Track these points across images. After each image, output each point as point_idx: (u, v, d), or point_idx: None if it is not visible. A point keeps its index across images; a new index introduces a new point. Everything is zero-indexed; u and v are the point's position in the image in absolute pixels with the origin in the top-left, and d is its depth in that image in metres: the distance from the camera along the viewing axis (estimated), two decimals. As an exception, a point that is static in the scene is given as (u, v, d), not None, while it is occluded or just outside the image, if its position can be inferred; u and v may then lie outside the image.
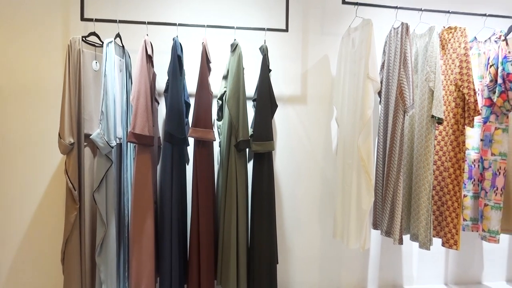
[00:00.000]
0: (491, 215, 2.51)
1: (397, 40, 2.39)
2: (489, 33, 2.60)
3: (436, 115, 2.30)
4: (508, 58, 2.39)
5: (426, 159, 2.38)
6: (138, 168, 2.19)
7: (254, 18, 2.67)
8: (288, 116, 2.75)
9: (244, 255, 2.30)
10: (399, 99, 2.36)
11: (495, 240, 2.51)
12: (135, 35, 2.50)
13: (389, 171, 2.41)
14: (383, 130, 2.51)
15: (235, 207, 2.29)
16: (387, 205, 2.43)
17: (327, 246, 2.83)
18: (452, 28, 2.47)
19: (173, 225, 2.25)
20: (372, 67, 2.26)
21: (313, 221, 2.81)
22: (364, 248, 2.33)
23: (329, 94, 2.78)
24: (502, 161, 2.49)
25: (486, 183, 2.54)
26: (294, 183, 2.77)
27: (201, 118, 2.24)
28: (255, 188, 2.35)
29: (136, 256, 2.19)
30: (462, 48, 2.37)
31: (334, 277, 2.87)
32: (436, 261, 3.01)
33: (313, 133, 2.78)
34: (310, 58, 2.76)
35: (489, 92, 2.51)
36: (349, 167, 2.42)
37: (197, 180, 2.28)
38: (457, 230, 2.40)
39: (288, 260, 2.79)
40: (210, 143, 2.34)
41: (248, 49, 2.60)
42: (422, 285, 2.99)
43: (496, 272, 3.11)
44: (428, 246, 2.39)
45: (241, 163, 2.31)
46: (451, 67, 2.45)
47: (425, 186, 2.39)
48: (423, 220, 2.40)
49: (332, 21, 2.77)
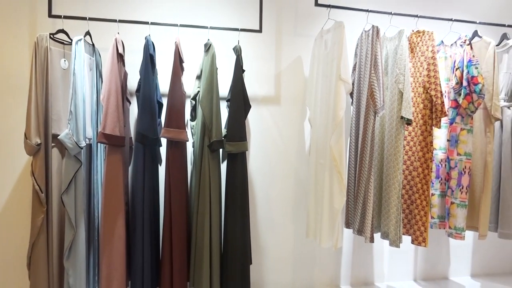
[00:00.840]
0: (457, 212, 2.60)
1: (368, 42, 2.44)
2: (455, 37, 2.69)
3: (405, 116, 2.36)
4: (473, 61, 2.48)
5: (396, 159, 2.44)
6: (109, 169, 2.14)
7: (227, 18, 2.66)
8: (262, 116, 2.76)
9: (217, 255, 2.29)
10: (370, 100, 2.41)
11: (461, 237, 2.60)
12: (106, 33, 2.44)
13: (361, 170, 2.46)
14: (355, 130, 2.56)
15: (208, 208, 2.28)
16: (359, 204, 2.48)
17: (300, 245, 2.86)
18: (420, 32, 2.54)
19: (145, 226, 2.22)
20: (344, 69, 2.30)
21: (287, 220, 2.83)
22: (336, 247, 2.37)
23: (302, 95, 2.81)
24: (467, 160, 2.58)
25: (452, 182, 2.63)
26: (268, 183, 2.78)
27: (174, 118, 2.21)
28: (228, 189, 2.34)
29: (107, 259, 2.14)
30: (430, 51, 2.45)
31: (307, 276, 2.90)
32: (405, 258, 3.10)
33: (287, 134, 2.81)
34: (284, 59, 2.78)
35: (455, 94, 2.60)
36: (321, 167, 2.45)
37: (170, 181, 2.25)
38: (426, 228, 2.48)
39: (262, 260, 2.80)
40: (183, 144, 2.31)
41: (221, 49, 2.59)
42: (392, 281, 3.06)
43: (461, 267, 3.23)
44: (398, 244, 2.45)
45: (214, 164, 2.30)
46: (419, 70, 2.52)
47: (395, 185, 2.45)
48: (393, 219, 2.46)
49: (305, 22, 2.80)
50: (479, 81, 2.45)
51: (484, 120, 2.70)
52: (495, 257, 3.31)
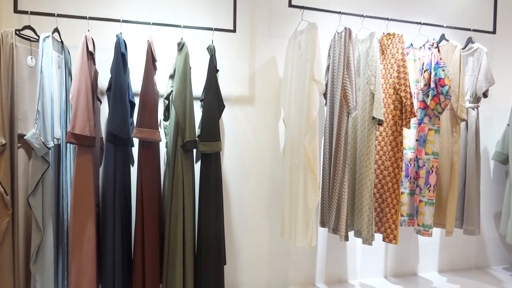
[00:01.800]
0: (425, 210, 2.68)
1: (340, 44, 2.48)
2: (423, 40, 2.78)
3: (376, 116, 2.41)
4: (440, 64, 2.57)
5: (368, 159, 2.50)
6: (78, 170, 2.08)
7: (201, 18, 2.64)
8: (236, 116, 2.75)
9: (190, 257, 2.27)
10: (343, 101, 2.45)
11: (429, 234, 2.68)
12: (76, 30, 2.37)
13: (335, 170, 2.50)
14: (329, 130, 2.60)
15: (182, 209, 2.25)
16: (333, 204, 2.51)
17: (275, 245, 2.88)
18: (391, 35, 2.61)
19: (116, 228, 2.17)
20: (317, 70, 2.33)
21: (261, 220, 2.84)
22: (310, 246, 2.39)
23: (276, 95, 2.82)
24: (435, 160, 2.67)
25: (420, 180, 2.71)
26: (242, 183, 2.78)
27: (146, 118, 2.18)
28: (202, 189, 2.33)
29: (76, 263, 2.08)
30: (400, 53, 2.52)
31: (282, 275, 2.91)
32: (377, 256, 3.17)
33: (261, 134, 2.81)
34: (258, 59, 2.79)
35: (424, 96, 2.68)
36: (296, 167, 2.47)
37: (142, 182, 2.21)
38: (396, 226, 2.54)
39: (237, 261, 2.79)
40: (156, 144, 2.28)
41: (195, 48, 2.56)
42: (364, 278, 3.13)
43: (429, 263, 3.33)
44: (371, 242, 2.50)
45: (187, 164, 2.27)
46: (390, 71, 2.58)
47: (367, 185, 2.50)
48: (365, 217, 2.51)
49: (279, 23, 2.82)
50: (446, 83, 2.53)
51: (451, 120, 2.80)
52: (461, 253, 3.43)
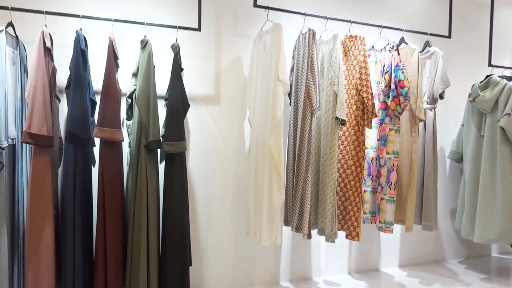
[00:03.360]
0: (386, 207, 2.77)
1: (305, 45, 2.52)
2: (384, 43, 2.87)
3: (339, 116, 2.47)
4: (399, 66, 2.66)
5: (331, 158, 2.55)
6: (35, 171, 1.99)
7: (165, 15, 2.60)
8: (201, 116, 2.73)
9: (155, 259, 2.23)
10: (307, 101, 2.49)
11: (390, 230, 2.78)
12: (32, 25, 2.27)
13: (299, 169, 2.53)
14: (293, 130, 2.63)
15: (145, 210, 2.21)
16: (297, 202, 2.55)
17: (240, 244, 2.88)
18: (353, 37, 2.68)
19: (77, 232, 2.10)
20: (282, 70, 2.36)
21: (227, 220, 2.83)
22: (275, 244, 2.41)
23: (242, 95, 2.82)
24: (395, 158, 2.77)
25: (382, 179, 2.80)
26: (207, 183, 2.76)
27: (108, 117, 2.12)
28: (167, 190, 2.29)
29: (33, 268, 2.00)
30: (362, 55, 2.59)
31: (247, 274, 2.92)
32: (341, 253, 3.24)
33: (227, 133, 2.81)
34: (224, 59, 2.78)
35: (384, 97, 2.77)
36: (261, 166, 2.48)
37: (104, 183, 2.15)
38: (359, 223, 2.61)
39: (202, 261, 2.77)
40: (119, 144, 2.22)
41: (159, 46, 2.52)
42: (328, 275, 3.19)
43: (391, 259, 3.45)
44: (334, 239, 2.56)
45: (151, 164, 2.23)
46: (352, 73, 2.65)
47: (330, 183, 2.55)
48: (329, 215, 2.56)
49: (244, 23, 2.82)
50: (405, 84, 2.63)
51: (410, 121, 2.91)
52: (420, 248, 3.58)
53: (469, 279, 3.22)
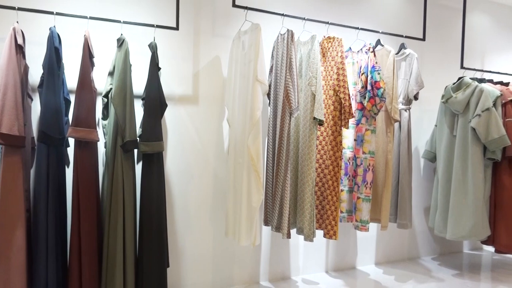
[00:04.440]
0: (362, 206, 2.82)
1: (283, 45, 2.53)
2: (361, 44, 2.92)
3: (317, 117, 2.49)
4: (376, 68, 2.71)
5: (309, 158, 2.57)
6: (5, 172, 1.93)
7: (142, 14, 2.56)
8: (179, 116, 2.70)
9: (131, 261, 2.20)
10: (286, 101, 2.50)
11: (366, 229, 2.83)
12: (3, 21, 2.20)
13: (278, 169, 2.54)
14: (272, 130, 2.64)
15: (122, 211, 2.17)
16: (276, 202, 2.56)
17: (219, 244, 2.87)
18: (331, 38, 2.71)
19: (50, 235, 2.04)
20: (260, 70, 2.36)
21: (205, 220, 2.82)
22: (254, 244, 2.42)
23: (221, 95, 2.81)
24: (371, 158, 2.82)
25: (358, 178, 2.85)
26: (186, 183, 2.74)
27: (83, 116, 2.07)
28: (144, 190, 2.26)
29: (3, 274, 1.93)
30: (339, 56, 2.62)
31: (227, 275, 2.91)
32: (318, 251, 3.28)
33: (205, 133, 2.79)
34: (202, 59, 2.76)
35: (361, 97, 2.82)
36: (240, 166, 2.48)
37: (78, 184, 2.10)
38: (336, 222, 2.65)
39: (180, 262, 2.75)
40: (94, 144, 2.18)
41: (136, 45, 2.48)
42: (307, 274, 3.22)
43: (367, 257, 3.51)
44: (312, 238, 2.58)
45: (128, 165, 2.20)
46: (330, 74, 2.68)
47: (309, 183, 2.58)
48: (307, 215, 2.59)
49: (223, 23, 2.81)
50: (381, 85, 2.68)
51: (385, 121, 2.97)
52: (395, 245, 3.66)
53: (442, 275, 3.31)
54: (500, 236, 3.13)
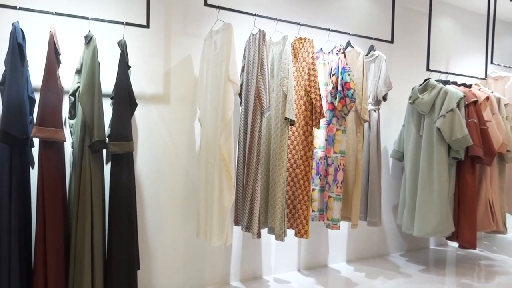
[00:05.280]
0: (333, 205, 2.87)
1: (255, 45, 2.54)
2: (331, 46, 2.96)
3: (289, 117, 2.51)
4: (346, 69, 2.77)
5: (281, 157, 2.59)
6: (-36, 174, 1.84)
7: (111, 11, 2.50)
8: (150, 115, 2.66)
9: (100, 263, 2.15)
10: (257, 101, 2.51)
11: (337, 227, 2.88)
12: (-40, 15, 2.10)
13: (249, 169, 2.55)
14: (243, 130, 2.64)
15: (90, 213, 2.11)
16: (247, 202, 2.56)
17: (191, 245, 2.84)
18: (302, 39, 2.74)
19: (13, 239, 1.97)
20: (232, 70, 2.36)
21: (177, 221, 2.79)
22: (226, 245, 2.41)
23: (192, 94, 2.79)
24: (342, 158, 2.87)
25: (329, 177, 2.89)
26: (156, 184, 2.70)
27: (48, 115, 2.01)
28: (113, 192, 2.21)
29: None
30: (310, 57, 2.65)
31: (198, 276, 2.89)
32: (290, 251, 3.30)
33: (177, 133, 2.76)
34: (173, 58, 2.73)
35: (332, 98, 2.86)
36: (211, 166, 2.47)
37: (43, 186, 2.03)
38: (307, 221, 2.68)
39: (151, 264, 2.70)
40: (60, 144, 2.11)
41: (105, 42, 2.42)
42: (278, 273, 3.24)
43: (338, 255, 3.57)
44: (283, 238, 2.60)
45: (96, 166, 2.14)
46: (301, 74, 2.71)
47: (280, 182, 2.59)
48: (278, 214, 2.60)
49: (195, 22, 2.79)
50: (351, 86, 2.73)
51: (355, 121, 3.03)
52: (365, 243, 3.74)
53: (409, 271, 3.41)
54: (463, 232, 3.25)
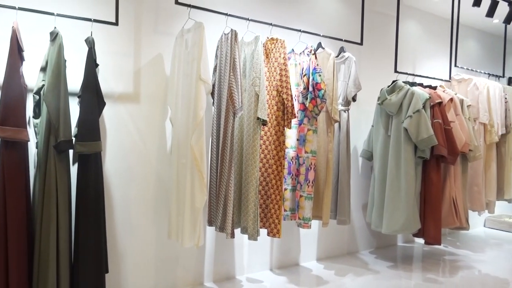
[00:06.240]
0: (305, 204, 2.90)
1: (227, 45, 2.53)
2: (303, 47, 3.00)
3: (261, 117, 2.52)
4: (317, 69, 2.80)
5: (253, 157, 2.59)
6: None
7: (79, 7, 2.42)
8: (119, 115, 2.60)
9: (66, 268, 2.07)
10: (230, 101, 2.50)
11: (308, 226, 2.91)
12: None
13: (222, 169, 2.54)
14: (216, 130, 2.63)
15: (55, 215, 2.04)
16: (220, 202, 2.55)
17: (162, 247, 2.80)
18: (274, 39, 2.75)
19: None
20: (204, 69, 2.34)
21: (148, 223, 2.74)
22: (198, 245, 2.40)
23: (163, 94, 2.74)
24: (313, 157, 2.91)
25: (301, 177, 2.92)
26: (126, 185, 2.64)
27: (10, 114, 1.92)
28: (80, 193, 2.15)
29: None
30: (282, 58, 2.67)
31: (170, 278, 2.85)
32: (263, 250, 3.32)
33: (147, 133, 2.71)
34: (144, 56, 2.68)
35: (303, 98, 2.90)
36: (183, 167, 2.44)
37: (5, 187, 1.94)
38: (279, 220, 2.70)
39: (121, 267, 2.64)
40: (23, 144, 2.03)
41: (72, 39, 2.35)
42: (251, 273, 3.24)
43: (309, 253, 3.62)
44: (256, 237, 2.61)
45: (62, 166, 2.07)
46: (273, 74, 2.73)
47: (252, 182, 2.60)
48: (251, 214, 2.61)
49: (165, 20, 2.75)
50: (322, 87, 2.77)
51: (326, 121, 3.07)
52: (335, 241, 3.80)
53: (378, 267, 3.50)
54: (428, 229, 3.37)
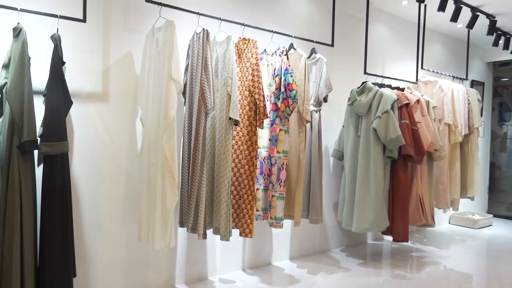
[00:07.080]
0: (277, 204, 2.92)
1: (199, 44, 2.51)
2: (275, 47, 3.01)
3: (233, 117, 2.52)
4: (289, 70, 2.83)
5: (225, 158, 2.59)
6: None
7: (44, 2, 2.34)
8: (87, 114, 2.53)
9: (31, 273, 2.00)
10: (202, 101, 2.48)
11: (280, 226, 2.93)
12: None
13: (194, 169, 2.51)
14: (187, 130, 2.60)
15: (19, 218, 1.96)
16: (192, 203, 2.53)
17: (132, 249, 2.74)
18: (246, 40, 2.76)
19: None
20: (175, 68, 2.31)
21: (117, 225, 2.68)
22: (169, 247, 2.36)
23: (133, 93, 2.69)
24: (285, 157, 2.93)
25: (273, 177, 2.94)
26: (94, 186, 2.57)
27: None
28: (45, 195, 2.08)
29: None
30: (254, 58, 2.68)
31: (140, 281, 2.80)
32: (235, 250, 3.31)
33: (116, 133, 2.65)
34: (113, 54, 2.61)
35: (275, 99, 2.91)
36: (154, 167, 2.41)
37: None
38: (252, 220, 2.70)
39: (89, 270, 2.57)
40: (-16, 145, 1.94)
41: (36, 36, 2.26)
42: (224, 274, 3.23)
43: (282, 252, 3.64)
44: (228, 238, 2.60)
45: (26, 168, 1.99)
46: (245, 74, 2.73)
47: (224, 183, 2.59)
48: (223, 214, 2.60)
49: (136, 18, 2.69)
50: (293, 87, 2.80)
51: (298, 122, 3.10)
52: (308, 240, 3.85)
53: (348, 265, 3.57)
54: (397, 226, 3.46)
